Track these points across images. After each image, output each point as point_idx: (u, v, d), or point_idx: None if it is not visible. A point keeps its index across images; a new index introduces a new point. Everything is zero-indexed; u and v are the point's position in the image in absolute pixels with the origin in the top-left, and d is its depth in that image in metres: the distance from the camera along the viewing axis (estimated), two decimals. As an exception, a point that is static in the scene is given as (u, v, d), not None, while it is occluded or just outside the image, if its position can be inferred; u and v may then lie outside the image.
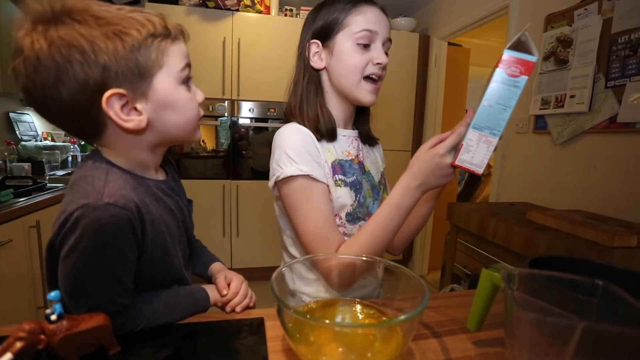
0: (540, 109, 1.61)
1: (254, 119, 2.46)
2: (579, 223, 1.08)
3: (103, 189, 0.44)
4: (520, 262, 1.10)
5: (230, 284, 0.61)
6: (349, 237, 0.68)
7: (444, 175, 0.58)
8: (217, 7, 2.27)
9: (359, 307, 0.54)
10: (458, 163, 0.56)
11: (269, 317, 0.56)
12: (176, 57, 0.49)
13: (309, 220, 0.64)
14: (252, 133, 2.49)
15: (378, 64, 0.68)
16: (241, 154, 2.47)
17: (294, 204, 0.65)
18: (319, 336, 0.42)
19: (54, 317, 0.38)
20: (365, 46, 0.67)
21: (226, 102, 2.38)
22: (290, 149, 0.64)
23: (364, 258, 0.56)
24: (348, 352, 0.41)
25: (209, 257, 0.72)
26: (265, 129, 2.51)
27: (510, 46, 0.51)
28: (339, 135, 0.73)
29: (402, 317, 0.39)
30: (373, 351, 0.41)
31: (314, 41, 0.70)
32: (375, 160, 0.82)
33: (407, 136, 2.73)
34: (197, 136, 0.55)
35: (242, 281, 0.63)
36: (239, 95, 2.39)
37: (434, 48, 2.61)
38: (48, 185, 1.65)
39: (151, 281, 0.53)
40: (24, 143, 1.99)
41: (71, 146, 2.27)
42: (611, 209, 1.30)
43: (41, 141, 2.15)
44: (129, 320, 0.49)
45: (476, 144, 0.54)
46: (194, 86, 0.53)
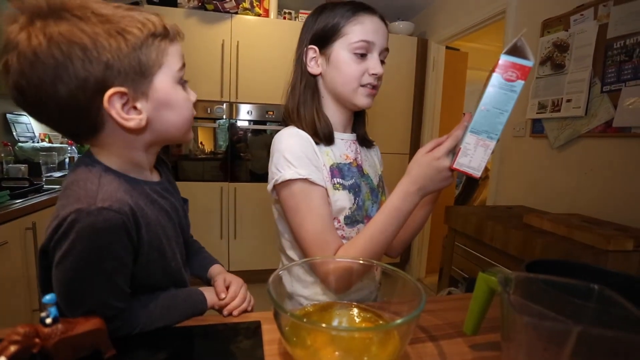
0: (537, 113, 1.62)
1: (252, 122, 2.46)
2: (575, 227, 1.09)
3: (96, 193, 0.43)
4: (517, 265, 1.10)
5: (228, 287, 0.61)
6: (347, 240, 0.68)
7: (442, 179, 0.59)
8: (216, 9, 2.27)
9: (355, 311, 0.54)
10: (456, 166, 0.56)
11: (265, 321, 0.56)
12: (174, 57, 0.49)
13: (308, 224, 0.64)
14: (250, 135, 2.49)
15: (374, 74, 0.68)
16: (239, 156, 2.47)
17: (292, 207, 0.65)
18: (316, 340, 0.41)
19: (49, 320, 0.38)
20: (362, 55, 0.68)
21: (224, 104, 2.38)
22: (289, 152, 0.65)
23: (361, 261, 0.56)
24: (345, 355, 0.40)
25: (207, 258, 0.72)
26: (264, 131, 2.51)
27: (507, 51, 0.51)
28: (337, 139, 0.73)
29: (399, 320, 0.39)
30: (370, 355, 0.41)
31: (311, 47, 0.70)
32: (374, 163, 0.83)
33: (405, 139, 2.74)
34: (190, 136, 0.55)
35: (241, 285, 0.63)
36: (237, 98, 2.39)
37: (432, 52, 2.62)
38: (45, 187, 1.64)
39: (148, 283, 0.53)
40: (20, 144, 1.98)
41: (68, 147, 2.26)
42: (607, 212, 1.31)
43: (38, 142, 2.14)
44: (124, 324, 0.49)
45: (474, 148, 0.54)
46: (187, 86, 0.53)
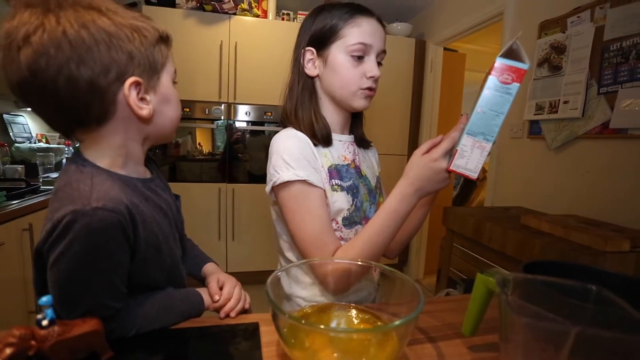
0: (535, 114, 1.63)
1: (251, 122, 2.46)
2: (573, 228, 1.09)
3: (90, 193, 0.43)
4: (515, 266, 1.11)
5: (222, 288, 0.60)
6: (345, 241, 0.68)
7: (440, 180, 0.59)
8: (215, 10, 2.27)
9: (354, 312, 0.54)
10: (453, 168, 0.56)
11: (263, 322, 0.56)
12: (171, 60, 0.54)
13: (306, 225, 0.64)
14: (248, 136, 2.48)
15: (371, 77, 0.68)
16: (237, 157, 2.47)
17: (290, 209, 0.65)
18: (314, 341, 0.41)
19: (45, 322, 0.38)
20: (359, 58, 0.68)
21: (223, 105, 2.38)
22: (287, 154, 0.65)
23: (359, 263, 0.56)
24: (343, 357, 0.40)
25: (200, 256, 0.71)
26: (262, 132, 2.51)
27: (503, 54, 0.51)
28: (335, 140, 0.73)
29: (397, 322, 0.39)
30: (368, 356, 0.41)
31: (308, 48, 0.71)
32: (371, 164, 0.83)
33: (403, 141, 2.74)
34: (174, 134, 0.60)
35: (235, 284, 0.62)
36: (235, 99, 2.39)
37: (429, 53, 2.63)
38: (41, 187, 1.63)
39: (145, 281, 0.53)
40: (17, 145, 1.97)
41: (65, 148, 2.25)
42: (604, 213, 1.31)
43: (35, 143, 2.13)
44: (121, 324, 0.49)
45: (470, 150, 0.55)
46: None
